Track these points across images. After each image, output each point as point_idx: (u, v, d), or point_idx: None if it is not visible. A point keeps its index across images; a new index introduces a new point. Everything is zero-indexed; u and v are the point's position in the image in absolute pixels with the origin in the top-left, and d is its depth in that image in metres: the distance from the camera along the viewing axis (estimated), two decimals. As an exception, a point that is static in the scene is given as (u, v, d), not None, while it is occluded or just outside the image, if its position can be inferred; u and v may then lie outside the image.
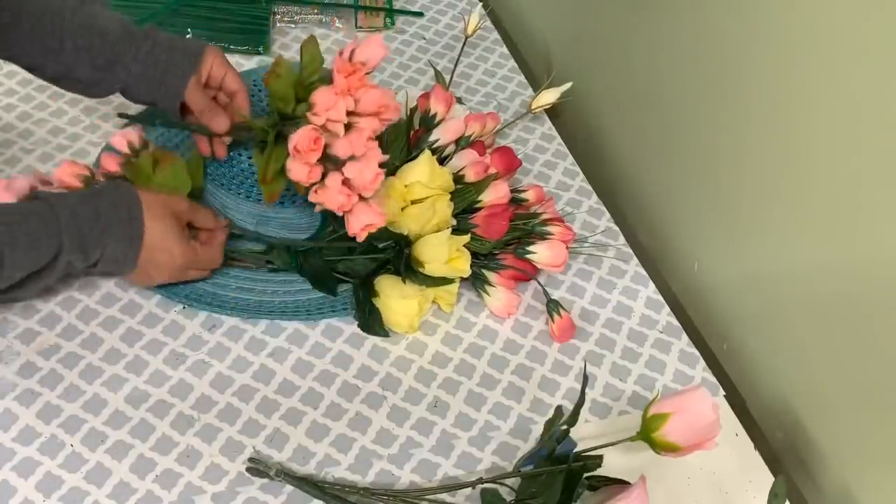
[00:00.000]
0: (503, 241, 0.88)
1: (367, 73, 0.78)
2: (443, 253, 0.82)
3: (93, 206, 0.75)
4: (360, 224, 0.77)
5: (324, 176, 0.76)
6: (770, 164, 0.79)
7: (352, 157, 0.75)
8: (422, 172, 0.86)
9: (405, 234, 0.84)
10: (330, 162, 0.76)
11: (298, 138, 0.74)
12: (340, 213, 0.78)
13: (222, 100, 0.89)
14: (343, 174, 0.75)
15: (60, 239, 0.72)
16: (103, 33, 0.83)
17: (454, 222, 0.87)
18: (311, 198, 0.77)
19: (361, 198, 0.77)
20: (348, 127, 0.77)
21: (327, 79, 0.79)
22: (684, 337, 0.88)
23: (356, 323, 0.85)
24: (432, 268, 0.83)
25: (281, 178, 0.79)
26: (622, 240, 0.97)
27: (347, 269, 0.86)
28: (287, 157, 0.76)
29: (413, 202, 0.86)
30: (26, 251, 0.71)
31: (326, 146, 0.75)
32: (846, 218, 0.70)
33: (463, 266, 0.84)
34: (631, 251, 0.95)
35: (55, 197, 0.75)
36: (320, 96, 0.76)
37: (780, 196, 0.78)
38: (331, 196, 0.76)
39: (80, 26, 0.83)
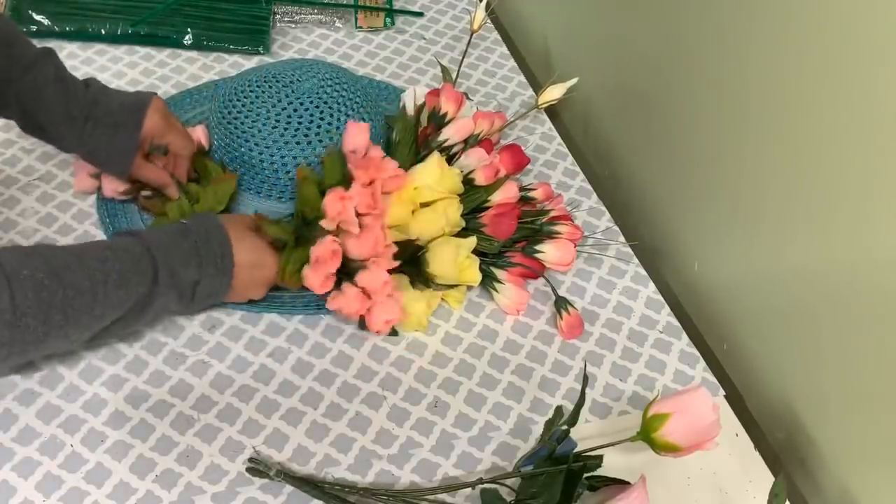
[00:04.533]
0: (512, 240, 0.88)
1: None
2: (452, 269, 0.83)
3: (186, 244, 0.75)
4: (381, 321, 0.81)
5: (339, 282, 0.81)
6: (770, 163, 0.79)
7: (363, 266, 0.80)
8: (430, 175, 0.86)
9: (416, 238, 0.84)
10: (345, 271, 0.81)
11: (318, 251, 0.79)
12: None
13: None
14: (356, 283, 0.80)
15: (156, 276, 0.72)
16: (48, 110, 0.82)
17: (463, 223, 0.87)
18: (329, 305, 0.81)
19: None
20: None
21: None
22: (684, 337, 0.88)
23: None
24: (442, 279, 0.84)
25: (298, 277, 0.81)
26: (622, 240, 0.97)
27: None
28: (307, 258, 0.80)
29: (422, 204, 0.86)
30: (117, 289, 0.70)
31: (343, 252, 0.80)
32: (846, 218, 0.70)
33: (473, 276, 0.85)
34: (631, 251, 0.95)
35: (147, 234, 0.75)
36: (329, 202, 0.80)
37: (781, 196, 0.78)
38: (349, 303, 0.80)
39: (28, 94, 0.82)
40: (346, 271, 0.81)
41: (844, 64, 0.68)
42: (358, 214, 0.80)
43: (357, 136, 0.85)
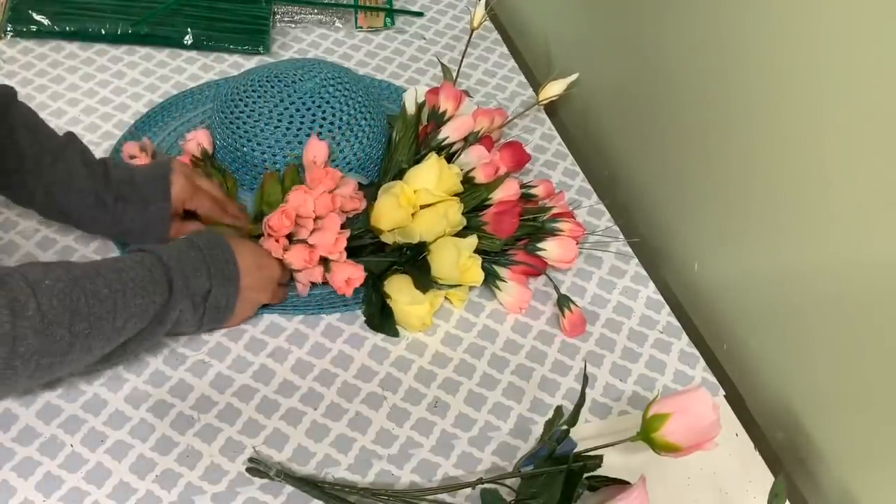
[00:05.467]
0: (514, 238, 0.88)
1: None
2: (454, 270, 0.83)
3: (193, 253, 0.75)
4: (343, 278, 0.84)
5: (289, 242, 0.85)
6: (770, 163, 0.79)
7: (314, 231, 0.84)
8: (429, 179, 0.86)
9: (417, 239, 0.84)
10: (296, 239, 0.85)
11: (271, 219, 0.83)
12: (320, 281, 0.85)
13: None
14: (308, 243, 0.84)
15: (170, 286, 0.72)
16: (80, 197, 0.81)
17: (464, 222, 0.87)
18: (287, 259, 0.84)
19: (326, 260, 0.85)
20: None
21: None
22: (684, 337, 0.88)
23: (356, 323, 0.85)
24: (445, 280, 0.84)
25: None
26: (622, 240, 0.97)
27: None
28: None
29: (422, 206, 0.86)
30: (135, 298, 0.70)
31: (294, 233, 0.84)
32: (846, 218, 0.70)
33: (475, 276, 0.85)
34: (631, 251, 0.95)
35: (156, 248, 0.75)
36: (293, 195, 0.84)
37: (781, 196, 0.78)
38: (295, 255, 0.83)
39: (59, 183, 0.81)
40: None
41: (844, 65, 0.68)
42: (317, 217, 0.84)
43: (317, 148, 0.88)
